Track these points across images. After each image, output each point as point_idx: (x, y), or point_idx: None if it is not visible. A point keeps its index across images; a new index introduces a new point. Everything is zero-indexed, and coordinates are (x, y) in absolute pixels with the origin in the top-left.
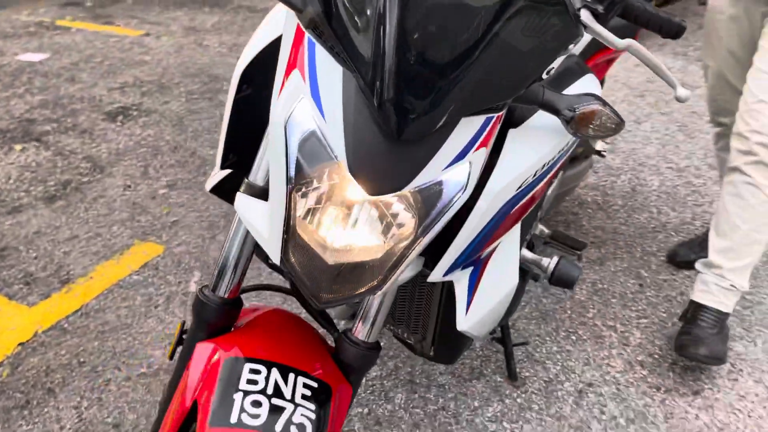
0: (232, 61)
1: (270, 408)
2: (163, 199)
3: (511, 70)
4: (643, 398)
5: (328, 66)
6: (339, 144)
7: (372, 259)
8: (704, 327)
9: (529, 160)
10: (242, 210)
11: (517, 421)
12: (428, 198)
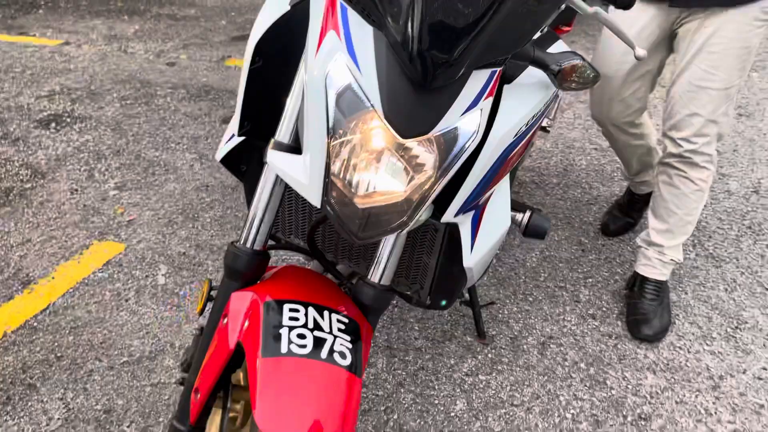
0: (162, 68)
1: (313, 339)
2: (114, 200)
3: (515, 28)
4: (598, 345)
5: (360, 27)
6: (374, 93)
7: (399, 200)
8: (649, 299)
9: (522, 111)
10: (277, 164)
11: (491, 372)
12: (447, 142)
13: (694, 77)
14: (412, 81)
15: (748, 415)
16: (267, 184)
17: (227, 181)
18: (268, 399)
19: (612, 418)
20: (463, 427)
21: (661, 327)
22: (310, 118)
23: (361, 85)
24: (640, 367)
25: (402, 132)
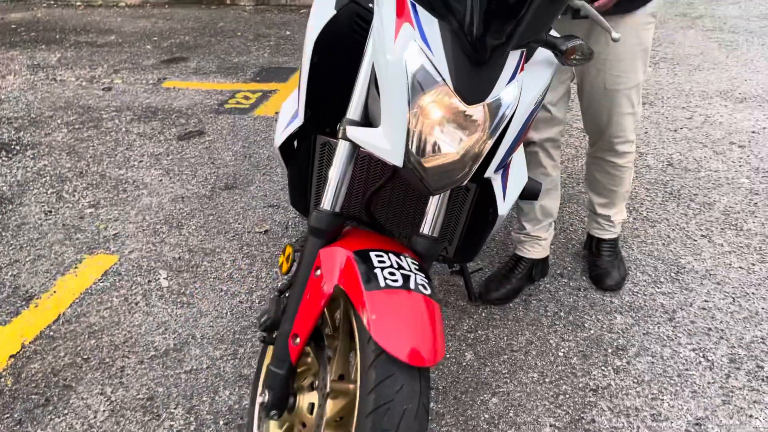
0: (99, 93)
1: (402, 275)
2: (92, 217)
3: (542, 16)
4: (571, 297)
5: (428, 19)
6: (444, 71)
7: (462, 157)
8: (606, 256)
9: (539, 85)
10: (359, 136)
11: (488, 328)
12: (496, 108)
13: (609, 83)
14: (471, 60)
15: (701, 336)
16: (343, 156)
17: (201, 191)
18: (379, 320)
19: (596, 352)
20: (476, 373)
21: (621, 277)
22: (389, 94)
23: (435, 64)
24: (609, 310)
25: (467, 100)
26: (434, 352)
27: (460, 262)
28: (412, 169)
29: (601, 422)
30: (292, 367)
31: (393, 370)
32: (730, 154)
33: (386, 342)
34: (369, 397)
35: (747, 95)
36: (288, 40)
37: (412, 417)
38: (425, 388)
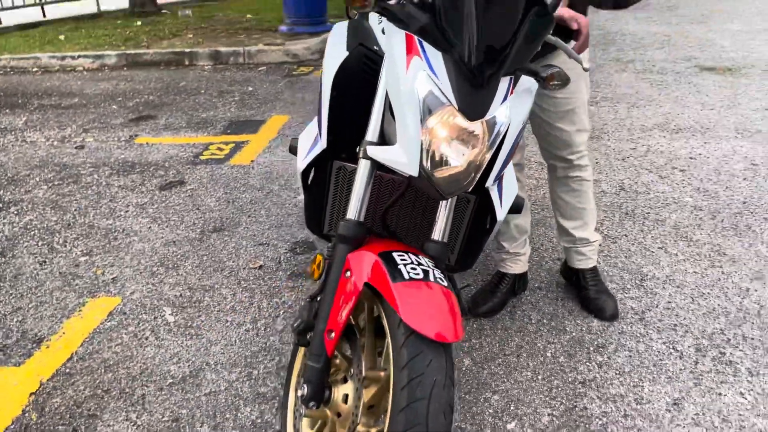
0: (72, 151)
1: (422, 269)
2: (88, 265)
3: (526, 49)
4: (550, 305)
5: (433, 52)
6: (450, 94)
7: (467, 167)
8: (593, 285)
9: (525, 108)
10: (378, 153)
11: (480, 337)
12: (493, 124)
13: (561, 106)
14: (471, 84)
15: (669, 332)
16: (365, 173)
17: (191, 235)
18: (408, 306)
19: (579, 351)
20: (475, 376)
21: (615, 304)
22: (403, 116)
23: (441, 89)
24: (586, 315)
25: (469, 117)
26: (455, 331)
27: (462, 270)
28: (425, 178)
29: (592, 409)
30: (328, 360)
31: (422, 348)
32: (674, 177)
33: (415, 323)
34: (402, 373)
35: (681, 127)
36: (251, 95)
37: (441, 387)
38: (450, 363)
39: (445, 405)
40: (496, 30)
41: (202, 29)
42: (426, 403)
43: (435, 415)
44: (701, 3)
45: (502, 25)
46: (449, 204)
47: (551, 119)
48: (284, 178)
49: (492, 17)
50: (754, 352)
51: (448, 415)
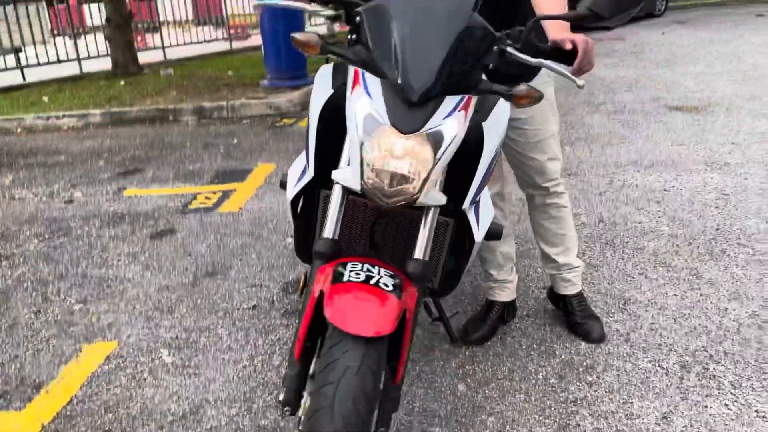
0: (61, 206)
1: (366, 275)
2: (83, 312)
3: (465, 70)
4: (539, 331)
5: (372, 79)
6: (383, 113)
7: (408, 176)
8: (580, 311)
9: (499, 132)
10: (338, 175)
11: (473, 363)
12: (436, 136)
13: (531, 137)
14: (406, 103)
15: (654, 351)
16: (336, 196)
17: (183, 280)
18: (334, 304)
19: (569, 372)
20: (470, 400)
21: (601, 327)
22: (349, 138)
23: (377, 110)
24: (574, 339)
25: (402, 131)
26: (376, 328)
27: (445, 293)
28: (369, 191)
29: (585, 425)
30: (301, 366)
31: (341, 339)
32: (650, 209)
33: (335, 318)
34: (321, 361)
35: (654, 162)
36: (236, 147)
37: (352, 374)
38: (372, 355)
39: (356, 391)
40: (424, 54)
41: (184, 86)
42: (334, 387)
43: (342, 399)
44: (664, 48)
45: (429, 49)
46: (429, 224)
47: (523, 149)
48: (273, 223)
49: (419, 43)
50: (735, 367)
51: (359, 401)
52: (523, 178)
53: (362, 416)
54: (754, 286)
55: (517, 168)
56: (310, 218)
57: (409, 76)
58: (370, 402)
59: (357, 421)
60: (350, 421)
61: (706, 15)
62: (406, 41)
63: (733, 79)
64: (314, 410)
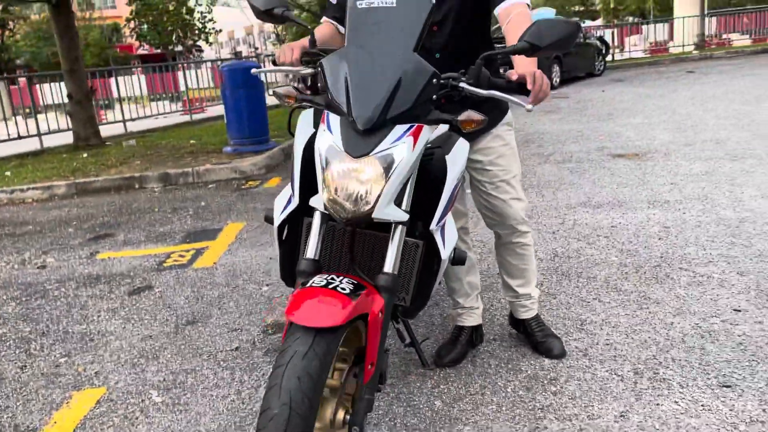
0: (34, 271)
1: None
2: (68, 364)
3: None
4: (506, 352)
5: (334, 117)
6: (339, 143)
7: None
8: (539, 331)
9: (461, 161)
10: (315, 201)
11: (447, 383)
12: (386, 158)
13: (496, 178)
14: (358, 133)
15: (610, 362)
16: (316, 221)
17: (165, 329)
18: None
19: (535, 385)
20: (447, 414)
21: (561, 344)
22: (316, 167)
23: (335, 141)
24: (537, 357)
25: (353, 155)
26: (324, 320)
27: (416, 312)
28: (331, 209)
29: (552, 427)
30: None
31: (294, 331)
32: (599, 243)
33: (291, 314)
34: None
35: (601, 203)
36: (205, 209)
37: (300, 357)
38: (320, 343)
39: (301, 371)
40: (370, 91)
41: (148, 156)
42: (283, 368)
43: (289, 377)
44: (606, 103)
45: (375, 87)
46: (396, 240)
47: (488, 190)
48: (248, 274)
49: (366, 83)
50: (682, 370)
51: (303, 380)
52: (490, 217)
53: (306, 393)
54: (695, 303)
55: (484, 209)
56: (294, 244)
57: (357, 111)
58: (314, 383)
59: (300, 397)
60: (294, 397)
61: (641, 73)
62: (356, 82)
63: (669, 129)
64: (267, 389)
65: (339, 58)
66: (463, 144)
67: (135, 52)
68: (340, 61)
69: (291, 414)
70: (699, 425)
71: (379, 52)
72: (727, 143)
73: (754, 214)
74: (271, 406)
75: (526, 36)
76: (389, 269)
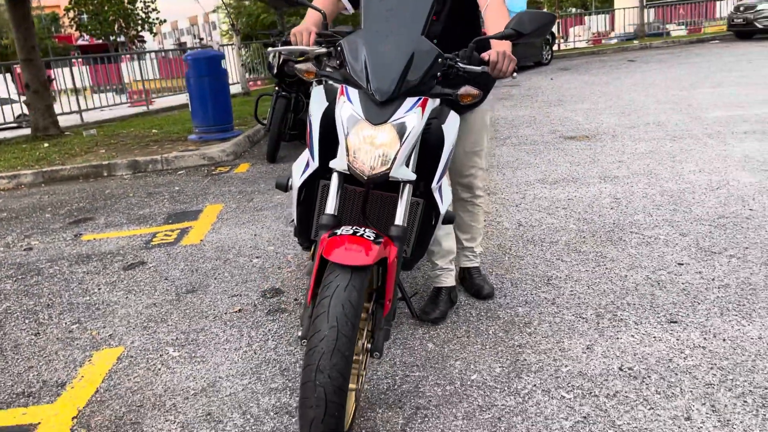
0: (21, 253)
1: (353, 231)
2: (81, 330)
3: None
4: (483, 305)
5: (352, 90)
6: (360, 112)
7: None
8: (476, 278)
9: (453, 131)
10: (335, 163)
11: (436, 329)
12: (400, 126)
13: (468, 147)
14: (375, 104)
15: (575, 308)
16: (335, 180)
17: (168, 298)
18: (328, 247)
19: (512, 328)
20: (440, 352)
21: (491, 288)
22: (338, 133)
23: (355, 110)
24: (513, 306)
25: (373, 123)
26: (358, 260)
27: (415, 262)
28: (353, 170)
29: (530, 359)
30: (310, 307)
31: (333, 269)
32: (558, 214)
33: (330, 255)
34: (321, 286)
35: (557, 180)
36: (180, 192)
37: (342, 289)
38: (356, 279)
39: (345, 301)
40: (386, 69)
41: (112, 145)
42: (329, 298)
43: (335, 305)
44: (555, 90)
45: (390, 65)
46: (405, 197)
47: (461, 156)
48: (236, 249)
49: (382, 62)
50: (636, 312)
51: (347, 307)
52: (457, 176)
53: (349, 318)
54: (645, 260)
55: (454, 168)
56: (309, 205)
57: (377, 85)
58: (355, 310)
59: (345, 320)
60: (340, 320)
61: (585, 62)
62: (374, 61)
63: (615, 113)
64: (315, 316)
65: (357, 40)
66: (454, 115)
67: (75, 42)
68: (359, 42)
69: (338, 335)
70: (652, 352)
71: (392, 35)
72: (667, 125)
73: (692, 186)
74: (321, 329)
75: (512, 24)
76: (399, 221)
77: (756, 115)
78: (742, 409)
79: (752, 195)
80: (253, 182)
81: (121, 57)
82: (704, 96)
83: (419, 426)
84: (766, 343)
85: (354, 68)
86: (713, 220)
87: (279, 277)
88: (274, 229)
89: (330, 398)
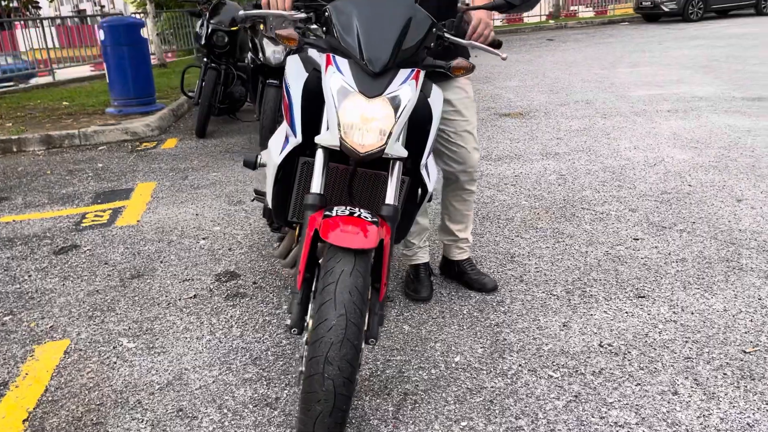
0: None
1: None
2: (15, 322)
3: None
4: (452, 284)
5: (341, 60)
6: (352, 83)
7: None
8: (471, 270)
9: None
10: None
11: (409, 311)
12: (395, 99)
13: (458, 128)
14: (369, 75)
15: (544, 285)
16: (319, 157)
17: (111, 283)
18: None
19: (486, 307)
20: (417, 334)
21: (493, 280)
22: (328, 107)
23: (347, 82)
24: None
25: (367, 95)
26: (362, 242)
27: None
28: (346, 146)
29: (510, 338)
30: (300, 294)
31: (335, 252)
32: (508, 190)
33: (333, 238)
34: (321, 275)
35: (500, 156)
36: (105, 170)
37: (347, 274)
38: (360, 263)
39: (351, 286)
40: (381, 37)
41: (20, 117)
42: (335, 284)
43: (341, 291)
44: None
45: (384, 33)
46: (396, 175)
47: (452, 139)
48: (179, 229)
49: (376, 29)
50: (604, 287)
51: (354, 293)
52: (452, 165)
53: (357, 305)
54: (601, 235)
55: (446, 157)
56: (287, 184)
57: (370, 54)
58: (362, 295)
59: (353, 308)
60: (348, 308)
61: (506, 40)
62: (367, 28)
63: (544, 91)
64: (320, 304)
65: (348, 7)
66: (438, 90)
67: None
68: (349, 8)
69: (348, 323)
70: (627, 327)
71: (385, 2)
72: (596, 103)
73: (631, 162)
74: (328, 317)
75: None
76: (391, 200)
77: (674, 95)
78: (724, 382)
79: (688, 171)
80: (184, 158)
81: (14, 24)
82: (625, 75)
83: (411, 413)
84: (731, 315)
85: (344, 36)
86: (657, 196)
87: (231, 259)
88: (216, 208)
89: (339, 390)
